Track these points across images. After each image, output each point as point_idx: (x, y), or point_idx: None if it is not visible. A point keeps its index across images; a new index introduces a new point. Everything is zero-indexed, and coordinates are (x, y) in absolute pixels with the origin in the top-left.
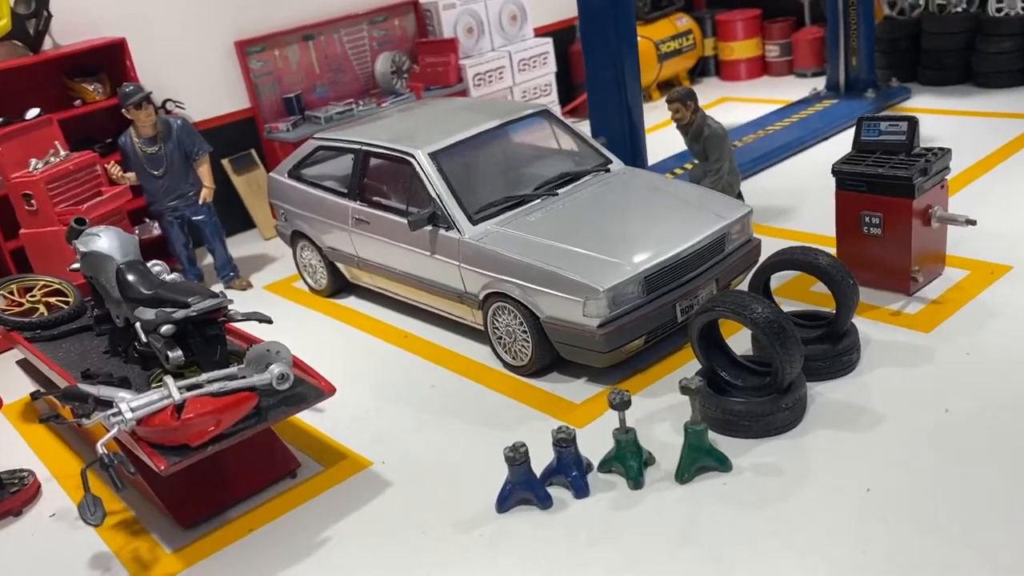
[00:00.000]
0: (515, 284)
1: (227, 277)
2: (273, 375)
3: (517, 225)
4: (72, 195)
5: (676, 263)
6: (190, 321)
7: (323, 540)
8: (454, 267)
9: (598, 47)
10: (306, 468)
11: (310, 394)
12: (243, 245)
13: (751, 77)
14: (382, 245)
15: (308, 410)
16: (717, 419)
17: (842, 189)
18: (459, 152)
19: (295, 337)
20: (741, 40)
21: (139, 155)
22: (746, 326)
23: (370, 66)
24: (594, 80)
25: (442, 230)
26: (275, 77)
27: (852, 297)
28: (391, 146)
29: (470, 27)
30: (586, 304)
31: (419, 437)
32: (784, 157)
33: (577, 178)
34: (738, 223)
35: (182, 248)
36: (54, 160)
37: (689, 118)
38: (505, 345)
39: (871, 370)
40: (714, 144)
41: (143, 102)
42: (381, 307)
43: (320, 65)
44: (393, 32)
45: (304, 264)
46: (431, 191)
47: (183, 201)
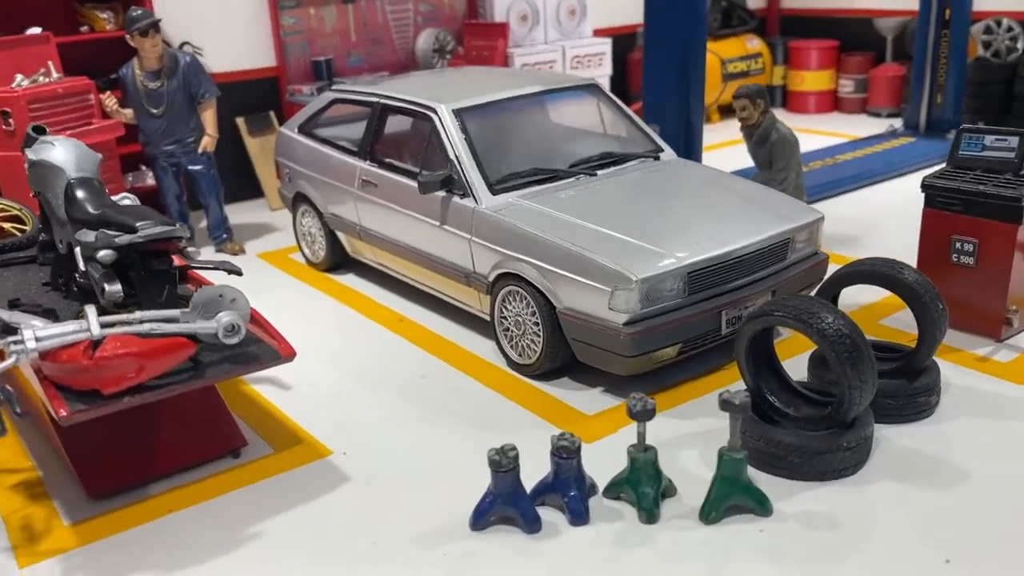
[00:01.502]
0: (531, 265)
1: (219, 239)
2: (220, 324)
3: (544, 200)
4: (57, 120)
5: (728, 263)
6: (135, 250)
7: (252, 535)
8: (464, 241)
9: (663, 29)
10: (253, 448)
11: (263, 355)
12: (246, 213)
13: (820, 111)
14: (388, 212)
15: (269, 384)
16: (760, 451)
17: (931, 207)
18: (488, 114)
19: (279, 308)
20: (814, 71)
21: (139, 89)
22: (811, 338)
23: (411, 41)
24: (653, 66)
25: (456, 197)
26: (307, 37)
27: (940, 325)
28: (412, 99)
29: (524, 15)
30: (614, 295)
31: (394, 431)
32: (853, 187)
33: (621, 161)
34: (805, 229)
35: (174, 199)
36: (43, 80)
37: (757, 118)
38: (512, 339)
39: (952, 418)
40: (782, 150)
41: (150, 29)
42: (380, 287)
43: (357, 32)
44: (441, 9)
45: (303, 232)
46: (450, 152)
47: (181, 147)
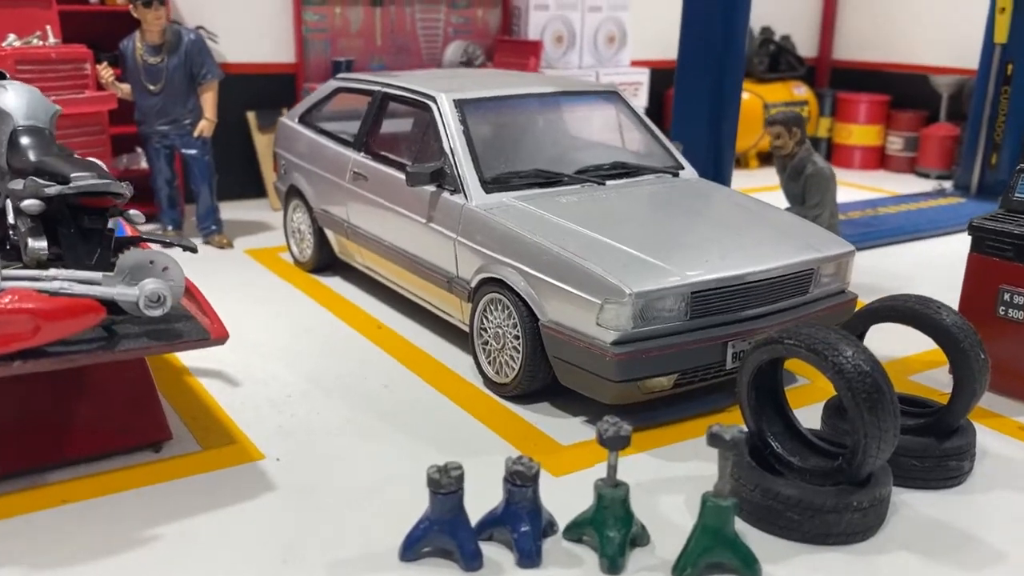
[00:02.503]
0: (516, 269)
1: (207, 230)
2: (143, 292)
3: (541, 203)
4: (47, 86)
5: (739, 288)
6: (67, 204)
7: (151, 536)
8: (450, 242)
9: (698, 55)
10: (178, 444)
11: (190, 333)
12: (245, 211)
13: (866, 167)
14: (375, 208)
15: (217, 378)
16: (754, 503)
17: (979, 252)
18: (493, 109)
19: (254, 303)
20: (861, 124)
21: (138, 64)
22: (825, 373)
23: (439, 51)
24: (685, 94)
25: (446, 193)
26: (329, 36)
27: (979, 378)
28: (413, 87)
29: (560, 36)
30: (604, 308)
31: (340, 441)
32: (894, 241)
33: (635, 173)
34: (833, 262)
35: (164, 184)
36: (36, 43)
37: (791, 148)
38: (490, 353)
39: (986, 489)
40: (816, 185)
41: (154, 1)
42: (365, 292)
43: (383, 36)
44: (474, 22)
45: (293, 229)
46: (446, 143)
47: (176, 128)
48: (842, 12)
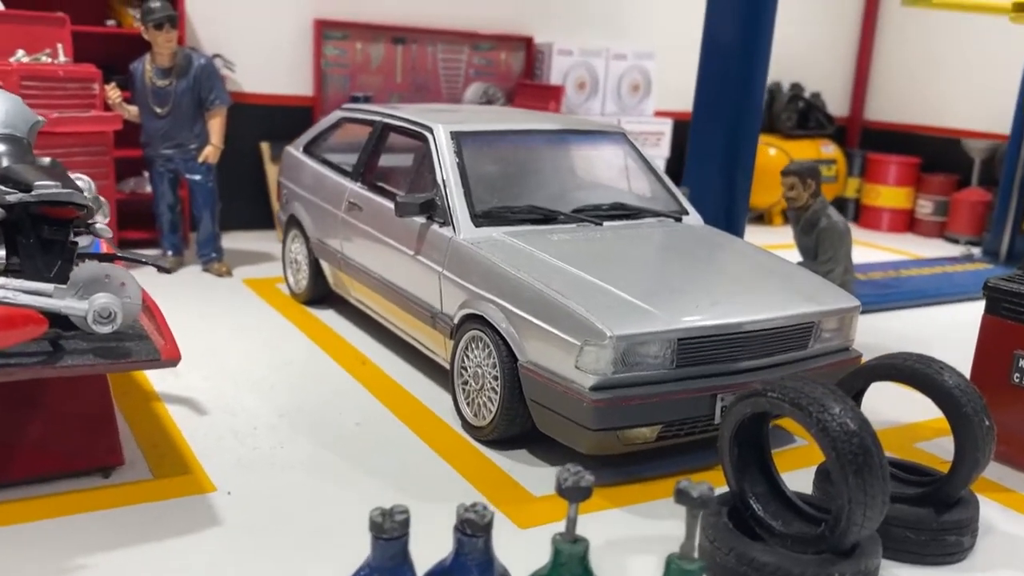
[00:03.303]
0: (498, 306)
1: (206, 257)
2: (92, 307)
3: (531, 240)
4: (52, 104)
5: (731, 337)
6: (28, 213)
7: (82, 566)
8: (435, 276)
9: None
10: (129, 469)
11: (140, 353)
12: (252, 241)
13: (893, 230)
14: (367, 239)
15: (183, 405)
16: (728, 568)
17: (994, 314)
18: (491, 143)
19: (238, 331)
20: (891, 186)
21: (146, 86)
22: (809, 431)
23: (459, 92)
24: (700, 142)
25: (436, 225)
26: (349, 71)
27: (983, 447)
28: (412, 118)
29: (583, 82)
30: (583, 351)
31: (299, 478)
32: (913, 304)
33: (636, 216)
34: (836, 316)
35: (166, 208)
36: (45, 60)
37: (805, 200)
38: (469, 394)
39: (988, 569)
40: (829, 239)
41: (165, 23)
42: (355, 326)
43: (404, 74)
44: (496, 64)
45: (290, 259)
46: (439, 174)
47: (180, 152)
48: (875, 72)
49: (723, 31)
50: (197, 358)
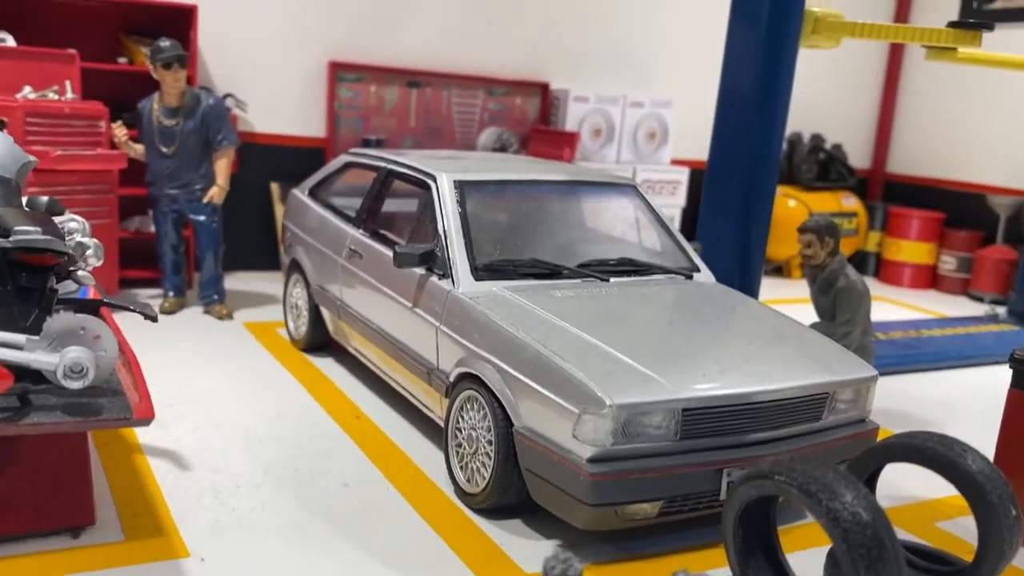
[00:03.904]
0: (494, 365)
1: (208, 298)
2: (63, 361)
3: (533, 296)
4: (57, 141)
5: (740, 408)
6: (5, 259)
7: None
8: (432, 330)
9: (729, 151)
10: (100, 530)
11: (111, 411)
12: (257, 282)
13: (915, 286)
14: (366, 288)
15: (167, 458)
16: None
17: (1021, 389)
18: (496, 193)
19: (232, 378)
20: (913, 241)
21: (153, 125)
22: (818, 519)
23: (473, 136)
24: (714, 194)
25: (435, 277)
26: (362, 113)
27: (1010, 537)
28: (417, 166)
29: (598, 129)
30: (581, 419)
31: (276, 544)
32: (934, 366)
33: (644, 272)
34: (851, 387)
35: (169, 248)
36: (52, 96)
37: (823, 259)
38: (463, 458)
39: None
40: (847, 300)
41: (174, 62)
42: (353, 378)
43: (417, 117)
44: (511, 110)
45: (291, 304)
46: (440, 224)
47: (185, 192)
48: (898, 124)
49: (741, 80)
50: (187, 406)
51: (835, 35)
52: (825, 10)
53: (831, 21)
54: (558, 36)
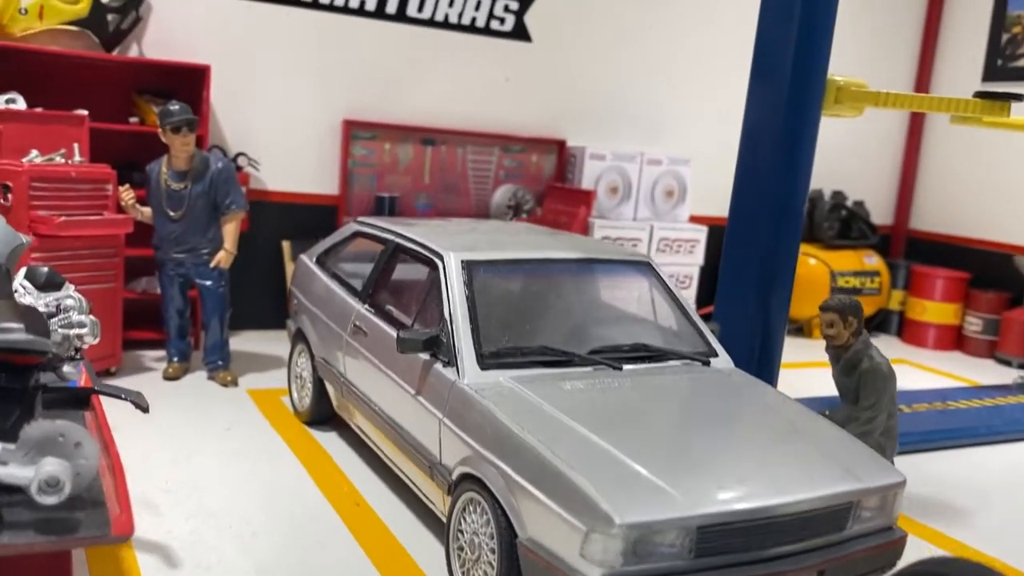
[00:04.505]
0: (499, 469)
1: (212, 364)
2: (38, 475)
3: (542, 388)
4: (61, 205)
5: (760, 523)
6: None
7: None
8: (435, 421)
9: (749, 215)
10: None
11: (88, 527)
12: (265, 342)
13: (940, 347)
14: (370, 367)
15: (157, 554)
16: None
17: None
18: (505, 272)
19: (231, 456)
20: (937, 301)
21: (161, 188)
22: None
23: (488, 194)
24: (733, 259)
25: (439, 364)
26: (376, 171)
27: None
28: (424, 242)
29: (615, 186)
30: (589, 538)
31: None
32: (966, 443)
33: (659, 358)
34: (877, 494)
35: (175, 313)
36: (59, 160)
37: (846, 339)
38: (464, 562)
39: None
40: (872, 384)
41: (183, 126)
42: (356, 457)
43: (432, 175)
44: (527, 166)
45: (295, 374)
46: (446, 308)
47: (192, 257)
48: (921, 181)
49: (761, 148)
50: (183, 490)
51: (858, 105)
52: (848, 79)
53: (854, 91)
54: (575, 93)
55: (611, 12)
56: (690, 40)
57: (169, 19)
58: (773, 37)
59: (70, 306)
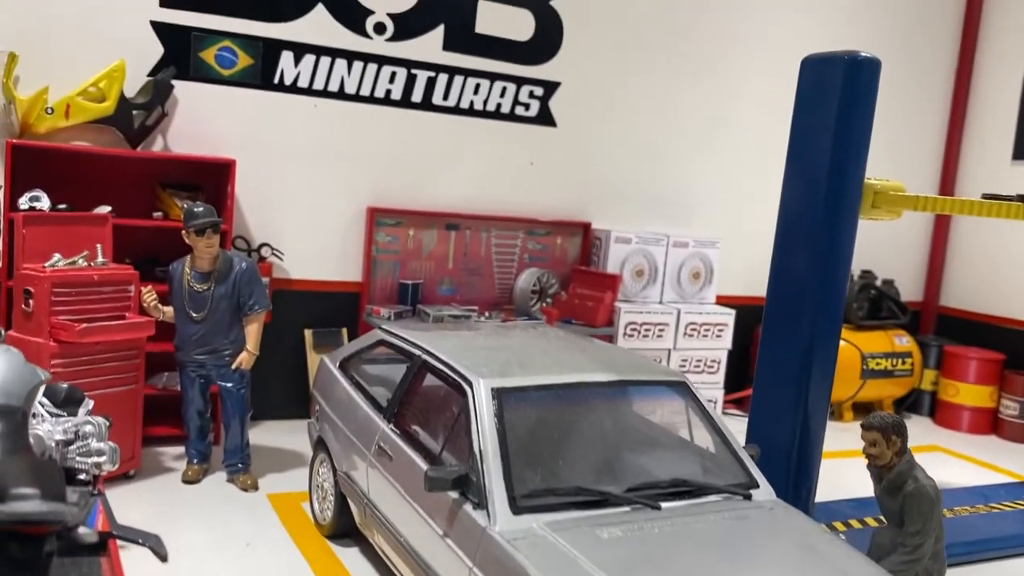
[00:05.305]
0: None
1: (232, 467)
2: None
3: (578, 538)
4: (82, 309)
5: None
6: None
7: None
8: (464, 569)
9: (783, 322)
10: None
11: None
12: (288, 433)
13: (975, 431)
14: (396, 494)
15: None
16: None
17: None
18: (538, 400)
19: (246, 573)
20: (971, 384)
21: (184, 289)
22: None
23: (512, 278)
24: (767, 359)
25: (469, 505)
26: (400, 258)
27: None
28: (452, 363)
29: (641, 269)
30: None
31: None
32: (1015, 552)
33: (698, 493)
34: None
35: (195, 414)
36: (82, 263)
37: (890, 459)
38: None
39: None
40: (918, 508)
41: (208, 228)
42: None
43: (456, 260)
44: (551, 250)
45: (317, 484)
46: (476, 442)
47: (214, 358)
48: (951, 258)
49: (797, 250)
50: None
51: (896, 208)
52: (885, 182)
53: (892, 195)
54: (599, 175)
55: (635, 97)
56: (714, 122)
57: (195, 112)
58: (808, 137)
59: (89, 433)
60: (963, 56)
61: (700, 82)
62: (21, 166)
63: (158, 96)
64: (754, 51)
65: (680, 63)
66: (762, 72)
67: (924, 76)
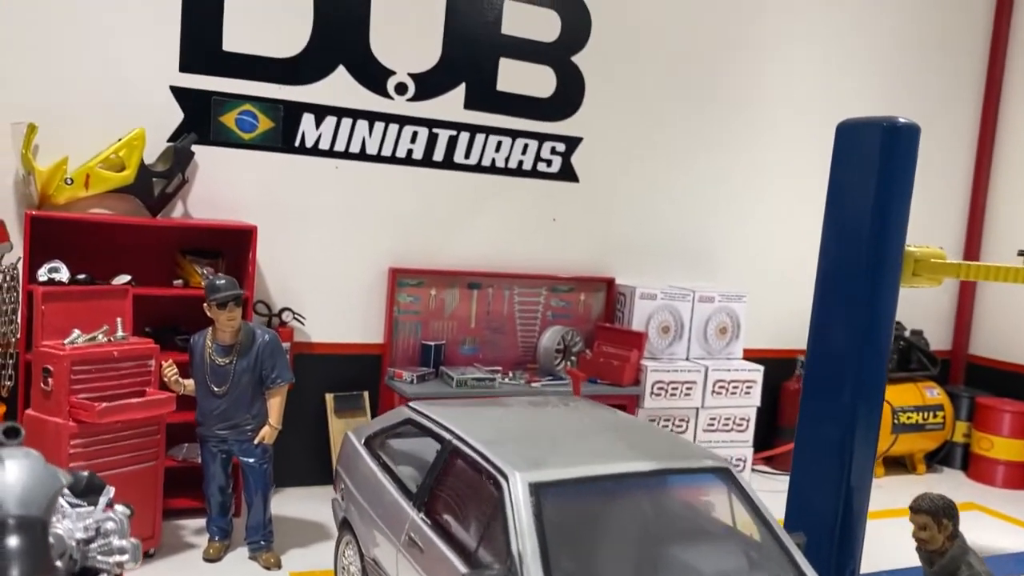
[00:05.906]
0: None
1: (255, 544)
2: None
3: None
4: (105, 386)
5: None
6: None
7: None
8: None
9: (823, 393)
10: None
11: None
12: (310, 500)
13: (1011, 486)
14: None
15: None
16: None
17: None
18: (577, 493)
19: None
20: (1005, 437)
21: (205, 363)
22: None
23: (535, 336)
24: (807, 437)
25: None
26: (422, 318)
27: None
28: (485, 453)
29: (667, 326)
30: None
31: None
32: None
33: None
34: None
35: (216, 491)
36: (101, 338)
37: (941, 543)
38: None
39: None
40: None
41: (230, 302)
42: None
43: (478, 319)
44: (575, 307)
45: (342, 566)
46: (513, 543)
47: (236, 433)
48: (979, 306)
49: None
50: None
51: (937, 276)
52: (924, 249)
53: (933, 263)
54: (623, 230)
55: (657, 150)
56: (737, 173)
57: (215, 176)
58: (846, 204)
59: (110, 530)
60: (986, 107)
61: (721, 134)
62: (40, 236)
63: (179, 164)
64: (776, 102)
65: (701, 116)
66: (784, 122)
67: (947, 130)
